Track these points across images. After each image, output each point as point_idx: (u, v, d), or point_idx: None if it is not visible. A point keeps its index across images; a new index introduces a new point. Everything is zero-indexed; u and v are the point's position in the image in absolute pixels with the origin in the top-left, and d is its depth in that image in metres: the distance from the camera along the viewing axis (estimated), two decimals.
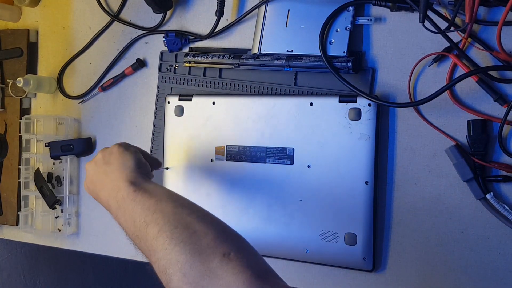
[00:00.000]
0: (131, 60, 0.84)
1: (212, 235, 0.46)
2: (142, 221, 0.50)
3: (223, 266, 0.43)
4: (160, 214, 0.50)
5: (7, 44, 0.94)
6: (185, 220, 0.49)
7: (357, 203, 0.66)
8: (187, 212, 0.50)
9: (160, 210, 0.50)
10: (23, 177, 0.90)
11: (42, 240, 0.93)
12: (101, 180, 0.60)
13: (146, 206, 0.51)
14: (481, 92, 0.62)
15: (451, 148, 0.63)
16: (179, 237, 0.46)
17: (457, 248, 0.64)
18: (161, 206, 0.51)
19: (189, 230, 0.47)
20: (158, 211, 0.50)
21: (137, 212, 0.52)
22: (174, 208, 0.51)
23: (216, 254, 0.44)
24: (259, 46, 0.72)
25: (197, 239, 0.46)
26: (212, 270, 0.43)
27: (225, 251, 0.45)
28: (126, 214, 0.53)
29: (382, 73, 0.67)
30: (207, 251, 0.45)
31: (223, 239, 0.47)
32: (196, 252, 0.45)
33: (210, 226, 0.48)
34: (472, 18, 0.57)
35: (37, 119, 0.90)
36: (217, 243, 0.46)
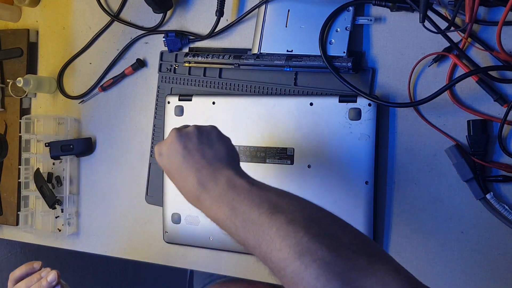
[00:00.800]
0: (131, 60, 0.84)
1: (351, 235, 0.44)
2: (265, 209, 0.46)
3: (373, 265, 0.40)
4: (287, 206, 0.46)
5: (7, 44, 0.94)
6: (318, 216, 0.46)
7: (357, 203, 0.66)
8: (317, 209, 0.47)
9: (285, 203, 0.47)
10: (23, 177, 0.90)
11: (42, 240, 0.93)
12: (193, 159, 0.53)
13: (266, 198, 0.47)
14: (481, 92, 0.62)
15: (451, 148, 0.63)
16: (316, 230, 0.43)
17: (457, 248, 0.64)
18: (286, 200, 0.48)
19: (325, 227, 0.44)
20: (284, 203, 0.47)
21: (254, 202, 0.47)
22: (300, 203, 0.48)
23: (362, 253, 0.41)
24: (259, 46, 0.72)
25: (338, 236, 0.43)
26: (361, 266, 0.40)
27: (371, 252, 0.42)
28: (234, 202, 0.48)
29: (382, 73, 0.67)
30: (351, 247, 0.42)
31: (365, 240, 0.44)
32: (340, 247, 0.41)
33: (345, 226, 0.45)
34: (472, 18, 0.57)
35: (37, 119, 0.90)
36: (359, 244, 0.43)
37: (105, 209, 0.87)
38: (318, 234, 0.42)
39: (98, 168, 0.88)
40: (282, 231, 0.43)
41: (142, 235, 0.84)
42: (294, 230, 0.43)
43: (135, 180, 0.84)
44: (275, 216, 0.45)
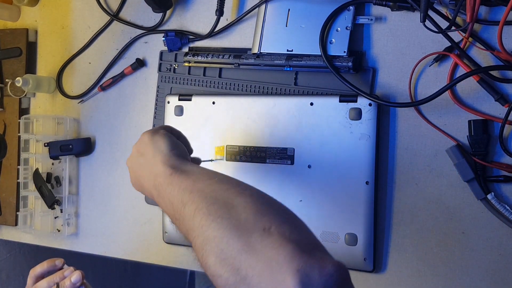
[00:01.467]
0: (130, 60, 0.84)
1: (252, 209, 0.43)
2: (179, 202, 0.48)
3: (263, 240, 0.40)
4: (197, 193, 0.47)
5: (6, 44, 0.93)
6: (223, 195, 0.46)
7: (357, 203, 0.65)
8: (225, 187, 0.47)
9: (197, 189, 0.48)
10: (22, 177, 0.90)
11: (41, 241, 0.92)
12: (140, 172, 0.57)
13: (183, 187, 0.49)
14: (482, 92, 0.61)
15: (452, 148, 0.63)
16: (216, 213, 0.43)
17: (458, 248, 0.63)
18: (198, 185, 0.48)
19: (227, 206, 0.44)
20: (195, 190, 0.48)
21: (174, 195, 0.49)
22: (211, 185, 0.48)
23: (256, 229, 0.41)
24: (259, 45, 0.71)
25: (235, 214, 0.43)
26: (251, 245, 0.40)
27: (265, 225, 0.41)
28: (165, 199, 0.51)
29: (383, 73, 0.67)
30: (246, 225, 0.42)
31: (264, 212, 0.43)
32: (234, 227, 0.42)
33: (249, 200, 0.45)
34: (473, 18, 0.56)
35: (36, 119, 0.90)
36: (257, 217, 0.42)
37: (104, 209, 0.87)
38: (215, 219, 0.43)
39: (97, 168, 0.88)
40: (191, 223, 0.45)
41: (141, 235, 0.83)
42: (197, 220, 0.44)
43: None
44: (186, 208, 0.46)
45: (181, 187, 0.49)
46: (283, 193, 0.70)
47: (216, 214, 0.43)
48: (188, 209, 0.46)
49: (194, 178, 0.50)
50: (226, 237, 0.41)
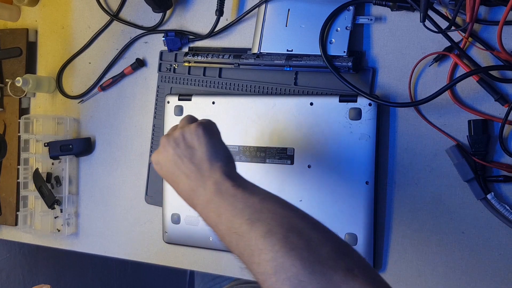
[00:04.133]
0: (130, 60, 0.84)
1: (331, 246, 0.42)
2: (246, 218, 0.45)
3: (348, 282, 0.38)
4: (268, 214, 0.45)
5: (6, 44, 0.93)
6: (298, 225, 0.44)
7: (357, 203, 0.65)
8: (299, 216, 0.45)
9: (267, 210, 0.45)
10: (22, 177, 0.90)
11: (41, 241, 0.92)
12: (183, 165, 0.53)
13: (250, 203, 0.46)
14: (482, 92, 0.61)
15: (452, 148, 0.63)
16: (294, 241, 0.41)
17: (458, 248, 0.63)
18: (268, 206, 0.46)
19: (305, 237, 0.42)
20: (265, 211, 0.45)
21: (238, 208, 0.46)
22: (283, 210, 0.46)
23: (339, 268, 0.39)
24: (259, 45, 0.72)
25: (316, 248, 0.41)
26: (335, 283, 0.38)
27: (348, 266, 0.40)
28: (221, 209, 0.48)
29: (383, 73, 0.67)
30: (328, 262, 0.40)
31: (344, 252, 0.42)
32: (316, 262, 0.40)
33: (327, 236, 0.44)
34: (473, 18, 0.56)
35: (36, 119, 0.90)
36: (337, 256, 0.41)
37: (104, 209, 0.87)
38: (294, 248, 0.41)
39: (97, 168, 0.88)
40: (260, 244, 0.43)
41: (141, 235, 0.83)
42: (271, 243, 0.42)
43: (134, 180, 0.84)
44: (255, 227, 0.44)
45: (247, 203, 0.47)
46: (283, 193, 0.69)
47: (294, 243, 0.41)
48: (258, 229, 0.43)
49: (261, 198, 0.48)
50: (307, 269, 0.39)
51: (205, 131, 0.54)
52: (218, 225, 0.49)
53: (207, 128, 0.55)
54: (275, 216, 0.45)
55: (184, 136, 0.54)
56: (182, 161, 0.53)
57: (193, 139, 0.53)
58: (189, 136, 0.54)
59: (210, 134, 0.54)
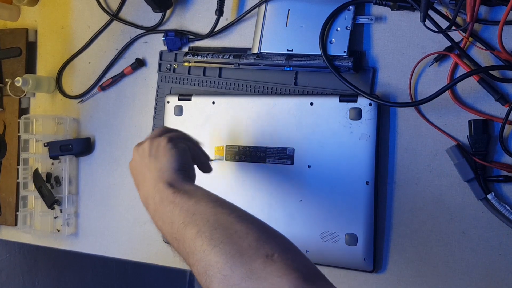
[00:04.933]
0: (130, 60, 0.84)
1: (253, 236, 0.44)
2: (181, 222, 0.48)
3: (267, 267, 0.40)
4: (199, 215, 0.47)
5: (6, 44, 0.93)
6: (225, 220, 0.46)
7: (357, 203, 0.65)
8: (227, 212, 0.48)
9: (199, 211, 0.48)
10: (22, 177, 0.90)
11: (41, 241, 0.92)
12: (143, 173, 0.58)
13: (185, 208, 0.49)
14: (482, 91, 0.61)
15: (452, 148, 0.62)
16: (219, 238, 0.44)
17: (458, 248, 0.63)
18: (200, 207, 0.49)
19: (229, 231, 0.45)
20: (197, 213, 0.48)
21: (175, 214, 0.49)
22: (213, 208, 0.48)
23: (259, 255, 0.42)
24: (259, 45, 0.71)
25: (238, 240, 0.44)
26: (255, 271, 0.40)
27: (268, 252, 0.42)
28: (164, 216, 0.51)
29: (383, 73, 0.67)
30: (248, 252, 0.42)
31: (265, 239, 0.44)
32: (237, 253, 0.42)
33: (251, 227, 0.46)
34: (473, 18, 0.56)
35: (36, 119, 0.90)
36: (259, 244, 0.43)
37: (104, 209, 0.87)
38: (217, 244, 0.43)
39: (97, 168, 0.87)
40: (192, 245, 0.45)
41: (141, 235, 0.83)
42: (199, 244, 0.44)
43: None
44: (187, 229, 0.46)
45: (183, 207, 0.49)
46: (283, 193, 0.70)
47: (219, 239, 0.44)
48: (190, 231, 0.46)
49: (196, 200, 0.50)
50: (228, 263, 0.41)
51: (169, 143, 0.57)
52: (163, 231, 0.52)
53: (173, 140, 0.58)
54: (205, 216, 0.47)
55: (150, 147, 0.58)
56: (142, 169, 0.58)
57: (157, 150, 0.57)
58: (154, 147, 0.58)
59: (172, 145, 0.57)
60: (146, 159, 0.58)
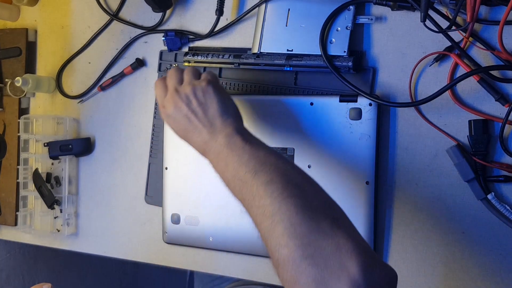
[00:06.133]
0: (130, 60, 0.84)
1: (321, 199, 0.48)
2: (251, 167, 0.51)
3: (333, 228, 0.43)
4: (270, 166, 0.51)
5: (6, 44, 0.93)
6: (296, 178, 0.50)
7: (357, 203, 0.65)
8: (296, 171, 0.52)
9: (270, 162, 0.51)
10: (22, 177, 0.90)
11: (41, 241, 0.92)
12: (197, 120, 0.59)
13: (255, 155, 0.53)
14: (482, 91, 0.61)
15: (452, 148, 0.62)
16: (292, 191, 0.47)
17: (458, 248, 0.63)
18: (271, 160, 0.52)
19: (300, 188, 0.48)
20: (268, 163, 0.51)
21: (244, 158, 0.53)
22: (283, 164, 0.52)
23: (327, 217, 0.45)
24: (259, 45, 0.71)
25: (308, 198, 0.47)
26: (322, 228, 0.43)
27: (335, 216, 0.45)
28: (229, 159, 0.54)
29: (383, 73, 0.67)
30: (317, 211, 0.45)
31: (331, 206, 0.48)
32: (307, 209, 0.45)
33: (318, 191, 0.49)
34: (473, 17, 0.56)
35: (35, 119, 0.90)
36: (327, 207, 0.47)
37: (104, 209, 0.87)
38: (291, 195, 0.47)
39: (97, 168, 0.87)
40: (261, 190, 0.48)
41: (141, 235, 0.83)
42: (270, 190, 0.47)
43: (134, 180, 0.84)
44: (257, 176, 0.50)
45: (253, 155, 0.53)
46: None
47: (292, 192, 0.47)
48: (261, 176, 0.49)
49: (266, 152, 0.54)
50: (299, 214, 0.45)
51: (215, 89, 0.60)
52: (225, 172, 0.55)
53: (216, 86, 0.61)
54: (277, 168, 0.50)
55: (195, 93, 0.60)
56: (196, 116, 0.59)
57: (205, 96, 0.60)
58: (200, 93, 0.60)
59: (219, 91, 0.61)
60: (197, 106, 0.59)
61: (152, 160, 0.82)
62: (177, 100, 0.60)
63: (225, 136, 0.56)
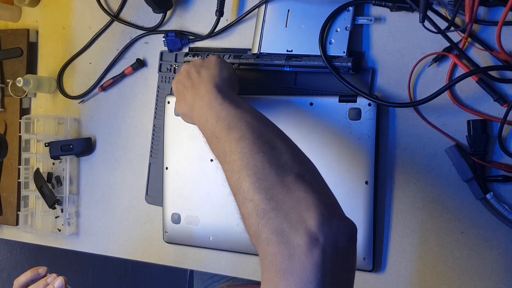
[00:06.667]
0: (131, 60, 0.84)
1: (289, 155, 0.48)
2: (226, 124, 0.53)
3: (297, 183, 0.45)
4: (244, 122, 0.52)
5: (7, 44, 0.94)
6: (268, 135, 0.51)
7: (357, 203, 0.66)
8: (270, 129, 0.53)
9: (244, 119, 0.53)
10: (23, 177, 0.90)
11: (42, 240, 0.93)
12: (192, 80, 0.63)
13: (232, 113, 0.54)
14: (481, 92, 0.62)
15: (451, 148, 0.63)
16: (261, 146, 0.49)
17: (457, 248, 0.64)
18: (246, 117, 0.53)
19: (270, 144, 0.49)
20: (243, 120, 0.53)
21: (221, 116, 0.55)
22: (257, 121, 0.53)
23: (292, 172, 0.46)
24: (259, 46, 0.72)
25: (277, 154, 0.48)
26: (286, 183, 0.45)
27: (300, 172, 0.46)
28: (209, 116, 0.56)
29: (382, 73, 0.67)
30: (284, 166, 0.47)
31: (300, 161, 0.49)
32: (274, 164, 0.47)
33: (288, 147, 0.50)
34: (472, 18, 0.57)
35: (37, 119, 0.90)
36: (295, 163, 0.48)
37: (105, 209, 0.87)
38: (260, 151, 0.48)
39: (98, 168, 0.88)
40: (233, 146, 0.50)
41: (142, 235, 0.84)
42: (241, 146, 0.49)
43: (135, 180, 0.84)
44: (231, 132, 0.52)
45: (230, 112, 0.55)
46: None
47: (260, 148, 0.49)
48: (234, 133, 0.51)
49: (243, 110, 0.55)
50: (266, 169, 0.46)
51: (219, 60, 0.65)
52: (205, 129, 0.57)
53: (221, 58, 0.66)
54: (250, 125, 0.52)
55: (201, 61, 0.66)
56: (191, 77, 0.64)
57: (208, 62, 0.65)
58: (206, 60, 0.66)
59: (222, 63, 0.65)
60: (198, 67, 0.64)
61: (152, 160, 0.82)
62: (183, 67, 0.67)
63: (210, 96, 0.58)
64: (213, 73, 0.63)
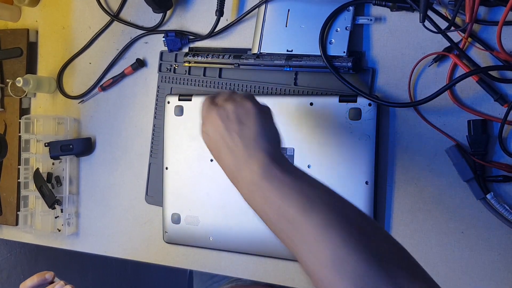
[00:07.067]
0: (130, 60, 0.84)
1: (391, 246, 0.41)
2: (300, 206, 0.44)
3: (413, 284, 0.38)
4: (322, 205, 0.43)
5: (7, 44, 0.94)
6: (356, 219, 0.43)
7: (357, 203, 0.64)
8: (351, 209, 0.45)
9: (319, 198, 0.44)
10: (23, 177, 0.90)
11: (41, 240, 0.93)
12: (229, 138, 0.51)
13: (298, 189, 0.45)
14: (481, 92, 0.62)
15: (451, 148, 0.63)
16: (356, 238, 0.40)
17: (458, 248, 0.63)
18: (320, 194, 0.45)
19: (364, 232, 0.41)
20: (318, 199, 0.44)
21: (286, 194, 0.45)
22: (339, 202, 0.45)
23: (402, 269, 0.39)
24: (259, 46, 0.72)
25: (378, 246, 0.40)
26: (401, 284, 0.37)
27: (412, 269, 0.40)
28: (268, 193, 0.46)
29: (382, 73, 0.67)
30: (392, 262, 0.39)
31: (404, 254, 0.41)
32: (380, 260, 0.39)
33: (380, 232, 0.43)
34: (472, 18, 0.57)
35: (36, 119, 0.90)
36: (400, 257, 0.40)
37: (104, 209, 0.87)
38: (358, 243, 0.40)
39: (97, 168, 0.88)
40: (318, 235, 0.41)
41: (141, 235, 0.84)
42: (331, 236, 0.40)
43: (135, 180, 0.84)
44: (310, 216, 0.43)
45: (295, 189, 0.45)
46: None
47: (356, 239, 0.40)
48: (312, 218, 0.42)
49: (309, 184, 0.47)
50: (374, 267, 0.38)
51: (259, 110, 0.53)
52: (265, 209, 0.47)
53: (261, 108, 0.53)
54: (331, 206, 0.43)
55: (236, 111, 0.52)
56: (229, 134, 0.52)
57: (246, 115, 0.52)
58: (242, 111, 0.52)
59: (262, 114, 0.53)
60: (234, 123, 0.52)
61: (152, 160, 0.82)
62: (216, 115, 0.53)
63: (261, 165, 0.48)
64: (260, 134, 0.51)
